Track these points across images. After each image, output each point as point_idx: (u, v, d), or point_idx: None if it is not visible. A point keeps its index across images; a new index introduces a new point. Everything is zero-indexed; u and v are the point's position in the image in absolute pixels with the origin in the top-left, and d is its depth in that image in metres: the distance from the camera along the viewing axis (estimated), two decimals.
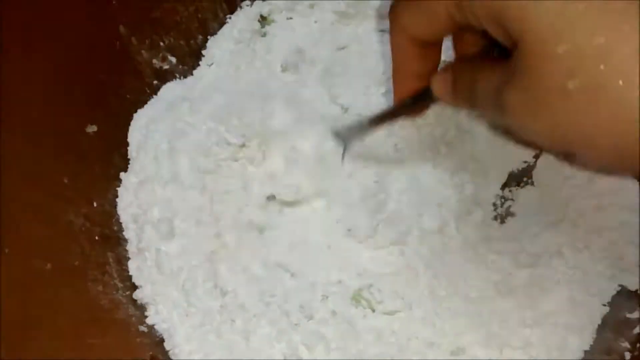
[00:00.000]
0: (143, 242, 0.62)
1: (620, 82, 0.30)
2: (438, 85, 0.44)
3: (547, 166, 0.66)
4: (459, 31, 0.42)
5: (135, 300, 0.60)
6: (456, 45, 0.46)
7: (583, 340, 0.61)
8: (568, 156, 0.36)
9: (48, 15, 0.59)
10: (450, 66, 0.44)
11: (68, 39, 0.62)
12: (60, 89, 0.61)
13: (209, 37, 0.74)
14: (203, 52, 0.73)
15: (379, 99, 0.67)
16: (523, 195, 0.66)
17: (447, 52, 0.47)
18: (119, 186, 0.65)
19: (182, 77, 0.73)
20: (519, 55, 0.33)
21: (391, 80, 0.50)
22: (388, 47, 0.47)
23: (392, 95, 0.51)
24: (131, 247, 0.63)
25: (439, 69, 0.46)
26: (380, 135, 0.64)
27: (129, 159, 0.66)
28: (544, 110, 0.33)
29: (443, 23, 0.39)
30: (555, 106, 0.32)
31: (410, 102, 0.48)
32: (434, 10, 0.39)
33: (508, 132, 0.61)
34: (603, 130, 0.31)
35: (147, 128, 0.66)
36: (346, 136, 0.61)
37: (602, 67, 0.30)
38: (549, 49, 0.31)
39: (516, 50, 0.34)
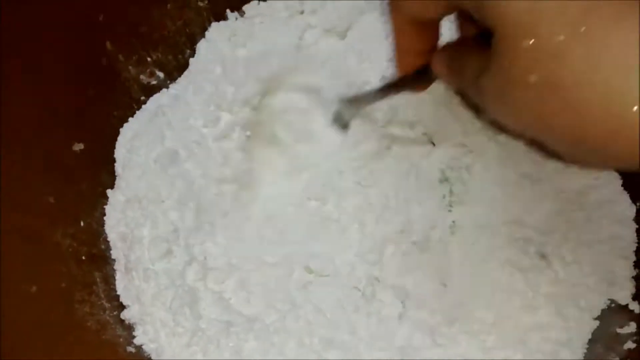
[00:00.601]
0: (131, 262, 0.61)
1: (572, 82, 0.32)
2: (436, 64, 0.46)
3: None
4: (460, 13, 0.44)
5: (122, 321, 0.60)
6: (459, 27, 0.48)
7: (574, 354, 0.60)
8: (537, 144, 0.38)
9: (34, 33, 0.59)
10: (448, 46, 0.45)
11: (54, 56, 0.62)
12: (46, 107, 0.61)
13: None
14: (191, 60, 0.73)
15: None
16: None
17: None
18: (106, 204, 0.64)
19: None
20: (494, 44, 0.35)
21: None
22: None
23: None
24: (119, 266, 0.62)
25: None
26: None
27: (116, 176, 0.66)
28: (509, 98, 0.35)
29: (436, 5, 0.40)
30: (518, 96, 0.34)
31: (412, 77, 0.50)
32: None
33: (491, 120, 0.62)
34: (559, 121, 0.33)
35: (131, 143, 0.66)
36: (352, 105, 0.63)
37: (557, 65, 0.32)
38: (516, 42, 0.33)
39: (493, 39, 0.35)
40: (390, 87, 0.56)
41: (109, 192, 0.65)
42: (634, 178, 0.65)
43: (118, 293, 0.61)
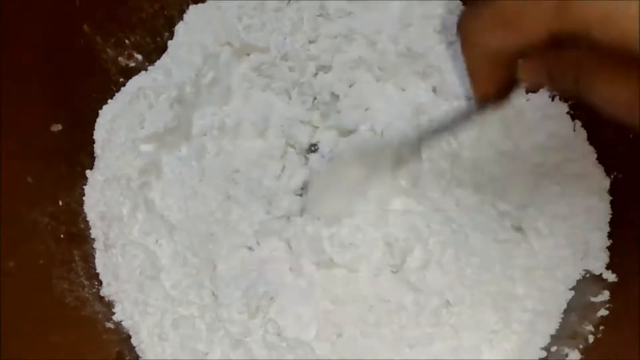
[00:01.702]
0: (110, 240, 0.62)
1: None
2: (532, 75, 0.42)
3: None
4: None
5: (102, 298, 0.60)
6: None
7: (550, 324, 0.61)
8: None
9: (10, 15, 0.59)
10: (540, 55, 0.40)
11: (30, 38, 0.62)
12: (24, 89, 0.61)
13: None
14: (169, 42, 0.73)
15: None
16: None
17: None
18: (85, 184, 0.65)
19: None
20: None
21: None
22: None
23: None
24: (98, 245, 0.63)
25: None
26: None
27: (95, 157, 0.66)
28: None
29: (534, 35, 0.35)
30: None
31: (491, 102, 0.47)
32: (524, 22, 0.35)
33: None
34: None
35: (111, 125, 0.66)
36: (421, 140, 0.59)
37: None
38: None
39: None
40: (466, 115, 0.52)
41: (88, 172, 0.65)
42: (607, 152, 0.66)
43: (97, 271, 0.61)
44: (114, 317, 0.60)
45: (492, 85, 0.43)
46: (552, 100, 0.70)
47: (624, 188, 0.65)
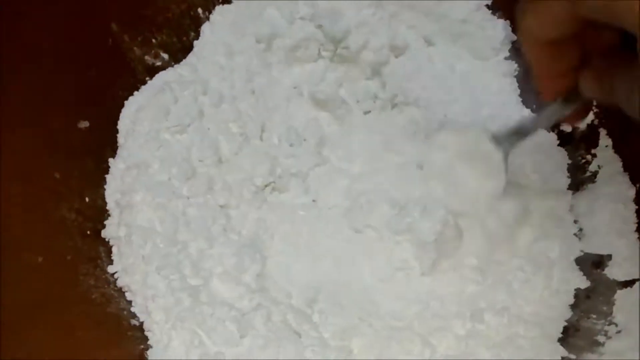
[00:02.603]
0: (122, 227, 0.61)
1: None
2: (585, 84, 0.45)
3: None
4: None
5: (125, 294, 0.60)
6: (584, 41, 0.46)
7: None
8: None
9: (39, 13, 0.60)
10: (595, 63, 0.44)
11: (59, 37, 0.62)
12: (52, 86, 0.61)
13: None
14: (195, 42, 0.74)
15: None
16: None
17: None
18: None
19: None
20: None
21: None
22: None
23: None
24: (113, 232, 0.62)
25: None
26: None
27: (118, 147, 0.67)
28: None
29: (565, 21, 0.39)
30: None
31: (561, 104, 0.49)
32: (552, 10, 0.40)
33: None
34: None
35: (136, 115, 0.66)
36: (507, 141, 0.60)
37: None
38: None
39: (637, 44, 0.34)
40: (544, 117, 0.55)
41: (110, 161, 0.65)
42: (633, 160, 0.66)
43: (112, 258, 0.61)
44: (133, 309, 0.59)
45: (557, 80, 0.46)
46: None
47: None
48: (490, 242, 0.63)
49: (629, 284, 0.63)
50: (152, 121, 0.66)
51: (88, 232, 0.61)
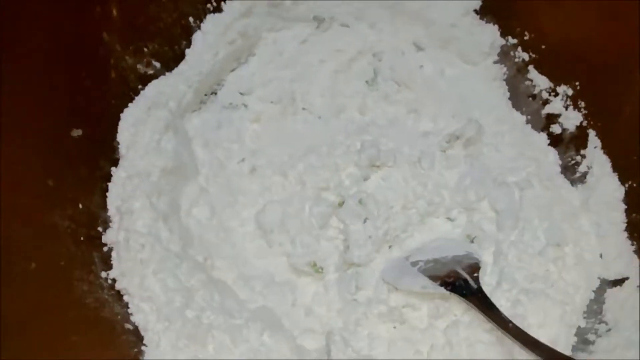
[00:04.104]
0: (122, 232, 0.62)
1: None
2: None
3: None
4: None
5: (121, 299, 0.61)
6: None
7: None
8: None
9: (31, 22, 0.60)
10: None
11: (51, 46, 0.63)
12: (45, 95, 0.62)
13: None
14: (187, 51, 0.75)
15: None
16: None
17: None
18: (104, 188, 0.65)
19: None
20: None
21: None
22: None
23: None
24: (113, 237, 0.63)
25: None
26: None
27: (116, 159, 0.67)
28: None
29: None
30: None
31: None
32: None
33: None
34: None
35: (135, 128, 0.67)
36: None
37: None
38: None
39: None
40: None
41: (112, 170, 0.66)
42: (622, 161, 0.67)
43: (112, 262, 0.62)
44: (132, 319, 0.60)
45: None
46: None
47: (639, 196, 0.66)
48: None
49: (618, 282, 0.63)
50: (152, 132, 0.67)
51: (82, 239, 0.61)
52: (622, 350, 0.57)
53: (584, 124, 0.71)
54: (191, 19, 0.76)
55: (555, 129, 0.74)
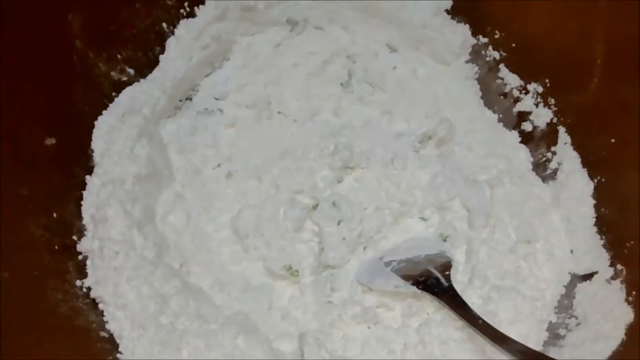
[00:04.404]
0: (97, 240, 0.63)
1: None
2: None
3: None
4: None
5: (96, 307, 0.61)
6: None
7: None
8: None
9: (1, 32, 0.60)
10: None
11: (22, 54, 0.63)
12: (17, 103, 0.62)
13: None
14: (161, 57, 0.75)
15: None
16: None
17: None
18: (79, 197, 0.66)
19: None
20: None
21: None
22: None
23: None
24: (87, 247, 0.63)
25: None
26: None
27: (91, 166, 0.67)
28: None
29: None
30: None
31: None
32: None
33: None
34: None
35: (110, 136, 0.68)
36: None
37: None
38: None
39: None
40: None
41: (87, 178, 0.66)
42: (591, 156, 0.68)
43: (87, 270, 0.62)
44: (107, 327, 0.60)
45: None
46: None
47: (607, 191, 0.67)
48: None
49: (588, 277, 0.64)
50: (125, 139, 0.67)
51: (56, 247, 0.61)
52: (590, 344, 0.58)
53: (554, 120, 0.72)
54: (164, 25, 0.76)
55: (527, 126, 0.74)
